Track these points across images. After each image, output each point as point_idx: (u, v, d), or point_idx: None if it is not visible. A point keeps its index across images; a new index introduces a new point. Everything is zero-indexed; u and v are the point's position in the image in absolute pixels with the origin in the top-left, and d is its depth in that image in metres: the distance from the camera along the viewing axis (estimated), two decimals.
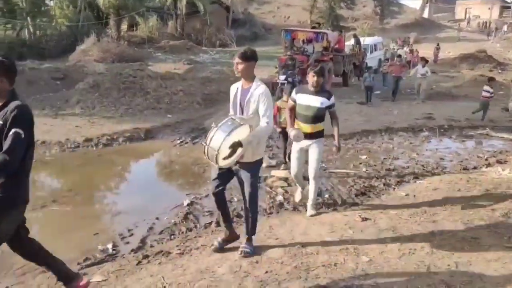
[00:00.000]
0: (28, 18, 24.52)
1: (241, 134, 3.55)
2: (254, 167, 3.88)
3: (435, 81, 17.33)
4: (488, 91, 11.27)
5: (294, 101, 4.94)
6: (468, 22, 45.53)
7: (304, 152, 5.00)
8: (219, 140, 3.44)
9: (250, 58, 3.71)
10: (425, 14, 49.81)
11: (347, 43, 18.00)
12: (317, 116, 4.85)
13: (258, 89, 3.73)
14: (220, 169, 3.82)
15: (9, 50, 21.09)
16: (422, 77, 13.48)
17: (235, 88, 3.91)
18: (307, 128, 4.87)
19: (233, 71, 14.19)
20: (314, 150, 4.93)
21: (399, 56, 16.70)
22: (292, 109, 5.01)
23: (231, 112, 3.92)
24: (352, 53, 17.41)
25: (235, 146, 3.52)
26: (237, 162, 3.79)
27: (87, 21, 26.18)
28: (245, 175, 3.84)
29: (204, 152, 3.57)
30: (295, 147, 5.04)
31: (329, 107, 4.88)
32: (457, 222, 4.58)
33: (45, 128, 9.31)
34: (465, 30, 41.65)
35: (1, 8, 23.37)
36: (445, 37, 35.95)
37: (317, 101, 4.80)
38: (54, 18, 26.85)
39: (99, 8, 26.80)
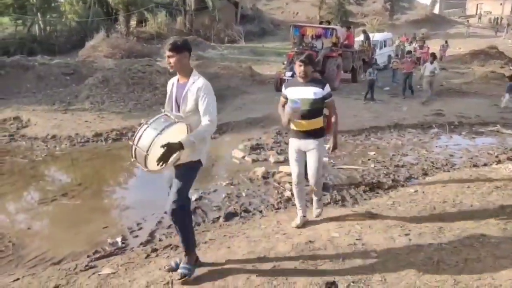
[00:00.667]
0: (39, 14, 24.71)
1: (176, 133, 3.09)
2: (187, 170, 3.32)
3: (445, 77, 17.15)
4: None
5: (286, 98, 4.32)
6: (479, 18, 44.97)
7: (303, 153, 4.31)
8: (148, 140, 2.98)
9: (182, 48, 3.25)
10: (436, 10, 49.30)
11: (356, 39, 17.87)
12: (313, 110, 4.16)
13: (196, 84, 3.27)
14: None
15: (20, 46, 21.31)
16: (430, 74, 12.80)
17: (171, 84, 3.46)
18: (301, 125, 4.20)
19: (241, 67, 14.04)
20: (313, 155, 4.24)
21: (409, 52, 16.53)
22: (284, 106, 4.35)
23: (168, 109, 3.43)
24: (361, 49, 17.15)
25: (175, 148, 3.03)
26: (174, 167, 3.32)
27: (97, 17, 26.31)
28: (176, 178, 3.31)
29: (132, 154, 3.11)
30: (292, 148, 4.35)
31: (325, 97, 4.19)
32: (466, 219, 4.55)
33: (55, 122, 9.40)
34: (476, 26, 41.15)
35: (12, 4, 23.57)
36: (455, 33, 35.59)
37: (309, 92, 4.15)
38: (64, 14, 27.03)
39: (109, 4, 26.93)
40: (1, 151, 7.81)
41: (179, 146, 3.05)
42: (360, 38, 18.16)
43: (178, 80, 3.41)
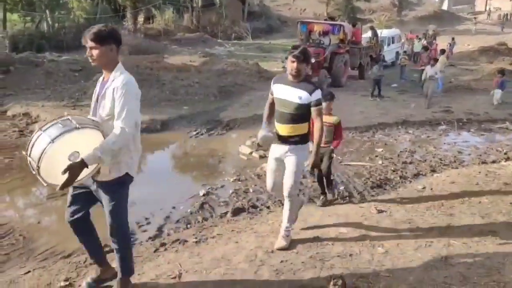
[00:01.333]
0: (47, 11, 24.82)
1: (82, 142, 2.58)
2: (113, 188, 2.84)
3: (453, 74, 17.04)
4: None
5: (272, 94, 3.83)
6: (489, 14, 44.51)
7: (281, 162, 3.79)
8: (39, 149, 2.48)
9: (107, 38, 2.72)
10: (444, 6, 48.84)
11: (364, 35, 17.79)
12: (296, 115, 3.62)
13: (115, 82, 2.71)
14: (74, 188, 2.91)
15: (29, 42, 21.43)
16: (430, 79, 11.60)
17: (98, 82, 2.94)
18: (283, 129, 3.69)
19: (248, 64, 13.92)
20: (290, 160, 3.69)
21: (426, 48, 16.38)
22: (272, 105, 3.89)
23: (91, 113, 2.89)
24: (369, 46, 16.98)
25: (76, 168, 2.52)
26: (94, 180, 2.84)
27: (104, 13, 26.40)
28: (104, 199, 2.86)
29: (29, 166, 2.61)
30: (271, 155, 3.90)
31: (312, 104, 3.57)
32: (474, 216, 4.54)
33: None
34: (485, 22, 40.74)
35: (21, 1, 23.72)
36: (464, 30, 35.26)
37: (294, 95, 3.59)
38: (72, 10, 27.13)
39: (116, 0, 27.01)
40: (10, 146, 7.89)
41: (80, 165, 2.51)
42: (367, 34, 18.06)
43: (103, 77, 2.86)
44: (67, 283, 3.50)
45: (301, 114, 3.62)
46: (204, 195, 5.74)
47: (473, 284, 3.19)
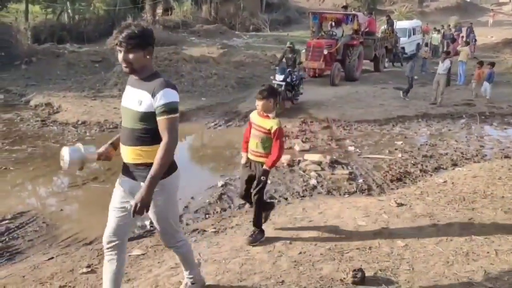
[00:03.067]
0: (68, 3, 25.16)
1: None
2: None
3: (475, 66, 16.64)
4: None
5: None
6: None
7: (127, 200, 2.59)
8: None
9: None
10: None
11: (383, 26, 17.46)
12: (136, 131, 2.48)
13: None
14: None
15: (50, 34, 21.78)
16: (442, 73, 10.85)
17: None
18: (124, 152, 2.58)
19: (266, 55, 13.77)
20: (150, 210, 2.53)
21: (453, 39, 16.01)
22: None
23: None
24: (384, 36, 16.26)
25: None
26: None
27: (124, 5, 26.56)
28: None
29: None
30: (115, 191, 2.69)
31: (155, 112, 2.41)
32: (497, 210, 4.45)
33: (85, 109, 9.61)
34: (510, 14, 39.56)
35: None
36: (486, 22, 34.32)
37: (133, 100, 2.49)
38: (92, 2, 27.43)
39: None
40: (33, 136, 8.07)
41: None
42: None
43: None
44: (89, 269, 3.58)
45: (142, 130, 2.46)
46: (222, 186, 5.76)
47: (495, 279, 3.14)
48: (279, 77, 9.65)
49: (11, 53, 14.27)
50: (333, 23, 14.56)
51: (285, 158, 6.65)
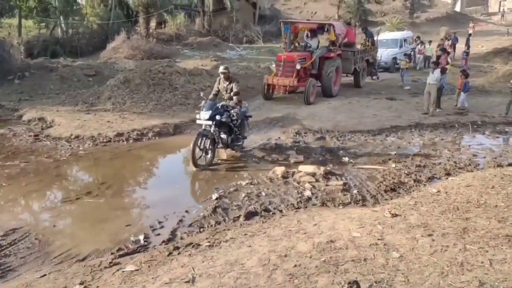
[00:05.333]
0: (61, 17, 25.22)
1: None
2: None
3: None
4: None
5: None
6: (502, 16, 43.88)
7: None
8: None
9: None
10: (457, 8, 48.31)
11: (376, 37, 17.41)
12: None
13: None
14: None
15: (44, 48, 21.79)
16: (433, 83, 10.82)
17: None
18: None
19: (260, 67, 13.59)
20: None
21: (443, 50, 16.03)
22: None
23: None
24: (364, 49, 14.81)
25: None
26: None
27: (117, 19, 26.68)
28: None
29: None
30: None
31: None
32: (491, 220, 4.46)
33: (78, 123, 9.58)
34: (499, 24, 40.16)
35: (36, 7, 24.10)
36: (477, 31, 34.79)
37: None
38: (85, 16, 27.51)
39: (129, 6, 27.28)
40: (26, 150, 8.02)
41: None
42: (380, 37, 17.69)
43: None
44: (82, 286, 3.54)
45: None
46: (216, 198, 5.75)
47: None
48: (204, 115, 7.14)
49: (4, 68, 14.23)
50: (308, 34, 13.29)
51: (279, 170, 6.65)
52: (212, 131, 7.11)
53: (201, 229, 4.91)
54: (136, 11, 27.20)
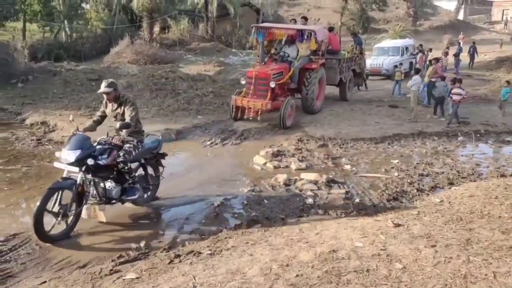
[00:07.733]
0: (65, 21, 25.35)
1: None
2: None
3: (469, 85, 16.81)
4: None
5: None
6: (505, 24, 43.97)
7: None
8: None
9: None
10: (460, 16, 48.45)
11: (377, 45, 17.36)
12: None
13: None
14: None
15: (47, 52, 21.88)
16: (413, 90, 11.07)
17: None
18: None
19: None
20: None
21: (436, 59, 16.00)
22: None
23: None
24: (351, 57, 13.36)
25: None
26: None
27: (121, 24, 26.82)
28: None
29: None
30: None
31: None
32: (494, 231, 4.42)
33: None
34: (502, 32, 40.21)
35: (40, 11, 24.25)
36: (481, 40, 34.83)
37: None
38: (89, 21, 27.66)
39: (133, 11, 27.41)
40: (28, 155, 8.02)
41: None
42: (380, 45, 17.71)
43: None
44: None
45: None
46: (218, 205, 5.73)
47: None
48: (68, 155, 4.84)
49: (8, 72, 14.28)
50: (285, 41, 11.39)
51: (281, 177, 6.63)
52: (79, 181, 4.73)
53: (202, 237, 4.89)
54: (140, 16, 27.33)
